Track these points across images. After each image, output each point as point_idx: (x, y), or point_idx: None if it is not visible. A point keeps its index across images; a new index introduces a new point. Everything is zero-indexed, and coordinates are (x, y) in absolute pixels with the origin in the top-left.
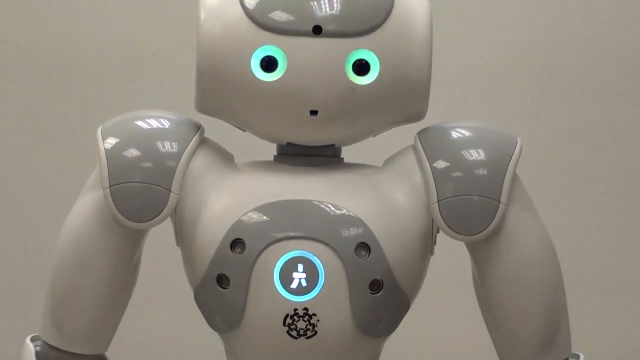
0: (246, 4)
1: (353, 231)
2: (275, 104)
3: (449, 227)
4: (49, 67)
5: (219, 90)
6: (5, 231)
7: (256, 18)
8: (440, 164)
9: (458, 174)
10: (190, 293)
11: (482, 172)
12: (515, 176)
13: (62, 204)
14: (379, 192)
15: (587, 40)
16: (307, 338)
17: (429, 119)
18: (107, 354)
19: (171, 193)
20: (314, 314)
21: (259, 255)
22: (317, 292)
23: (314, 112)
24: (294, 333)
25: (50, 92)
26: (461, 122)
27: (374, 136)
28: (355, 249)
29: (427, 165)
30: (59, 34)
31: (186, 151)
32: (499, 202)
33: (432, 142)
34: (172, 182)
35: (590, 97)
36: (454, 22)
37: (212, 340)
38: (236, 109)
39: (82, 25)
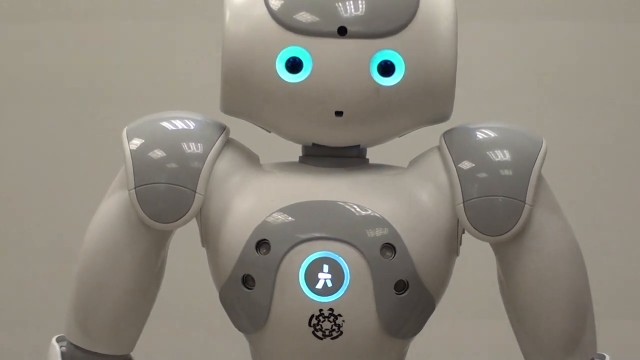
0: (271, 5)
1: (378, 232)
2: (300, 105)
3: (474, 228)
4: (74, 66)
5: (244, 91)
6: (30, 232)
7: (281, 19)
8: (466, 165)
9: (483, 174)
10: (215, 293)
11: (507, 172)
12: (540, 177)
13: (88, 205)
14: (404, 193)
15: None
16: (332, 339)
17: (454, 120)
18: (133, 354)
19: (196, 194)
20: (340, 315)
21: (284, 256)
22: (343, 292)
23: (339, 113)
24: (319, 333)
25: (75, 92)
26: (486, 123)
27: (399, 137)
28: (381, 249)
29: (452, 166)
30: (85, 32)
31: (211, 152)
32: (525, 203)
33: (457, 143)
34: (197, 183)
35: (618, 98)
36: (478, 23)
37: (238, 341)
38: (261, 110)
39: (110, 23)
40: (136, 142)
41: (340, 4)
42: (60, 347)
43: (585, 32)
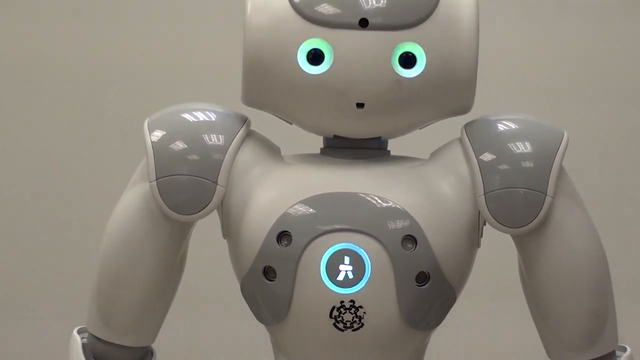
0: None
1: (399, 223)
2: (321, 96)
3: (496, 220)
4: (94, 59)
5: (266, 83)
6: (52, 224)
7: (303, 11)
8: (487, 157)
9: (504, 166)
10: (236, 285)
11: (528, 164)
12: (561, 169)
13: (109, 197)
14: (425, 185)
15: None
16: (353, 330)
17: (475, 112)
18: (154, 345)
19: (218, 186)
20: (361, 307)
21: (305, 247)
22: (364, 284)
23: (360, 105)
24: (340, 325)
25: (95, 85)
26: (507, 115)
27: (421, 129)
28: (402, 241)
29: (473, 157)
30: (104, 26)
31: (233, 144)
32: (546, 195)
33: (479, 135)
34: (218, 174)
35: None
36: (500, 14)
37: (259, 333)
38: (282, 102)
39: (129, 18)
40: (157, 134)
41: None
42: (82, 338)
43: (605, 21)
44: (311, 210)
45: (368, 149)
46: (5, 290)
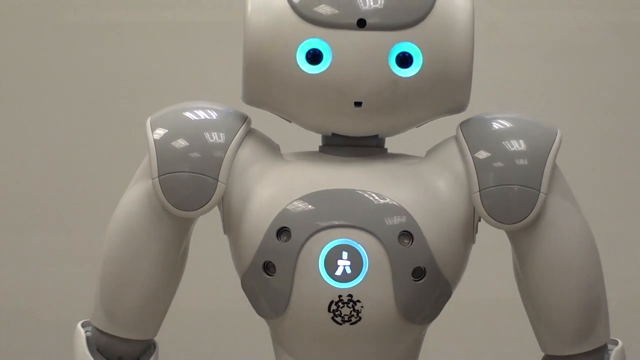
0: None
1: (396, 220)
2: (320, 96)
3: (490, 216)
4: (97, 58)
5: (266, 82)
6: (55, 220)
7: (302, 11)
8: (482, 154)
9: (499, 164)
10: (237, 280)
11: (522, 162)
12: (555, 166)
13: (112, 194)
14: (421, 182)
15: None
16: (351, 324)
17: (471, 111)
18: (156, 339)
19: (218, 182)
20: (358, 301)
21: (304, 243)
22: (361, 279)
23: (358, 104)
24: (338, 319)
25: (98, 84)
26: (502, 114)
27: (417, 127)
28: (399, 237)
29: (468, 155)
30: (106, 26)
31: (233, 142)
32: (539, 192)
33: (474, 133)
34: (219, 172)
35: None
36: (496, 13)
37: (259, 326)
38: (282, 101)
39: (131, 16)
40: (160, 132)
41: None
42: (86, 332)
43: (602, 17)
44: (310, 206)
45: (366, 147)
46: (9, 286)
